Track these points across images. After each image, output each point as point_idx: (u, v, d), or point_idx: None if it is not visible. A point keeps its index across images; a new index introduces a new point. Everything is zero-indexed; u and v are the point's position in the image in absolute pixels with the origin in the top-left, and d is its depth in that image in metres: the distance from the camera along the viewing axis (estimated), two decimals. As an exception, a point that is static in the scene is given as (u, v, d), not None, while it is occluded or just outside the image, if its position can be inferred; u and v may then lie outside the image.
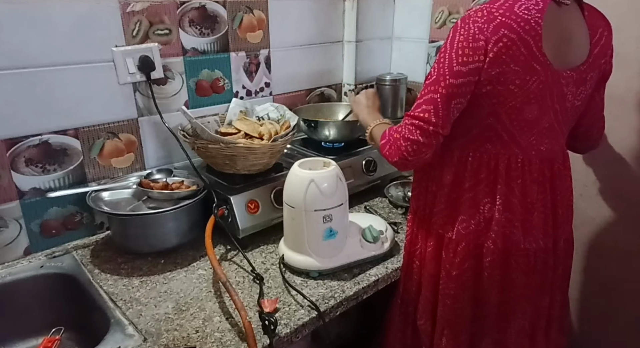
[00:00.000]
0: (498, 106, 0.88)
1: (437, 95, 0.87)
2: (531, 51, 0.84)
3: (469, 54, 0.84)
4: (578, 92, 0.93)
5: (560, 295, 1.07)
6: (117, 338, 0.87)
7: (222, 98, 1.40)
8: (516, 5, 0.84)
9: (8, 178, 1.08)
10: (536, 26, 0.83)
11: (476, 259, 0.97)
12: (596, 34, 0.92)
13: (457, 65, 0.85)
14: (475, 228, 0.96)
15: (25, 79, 1.05)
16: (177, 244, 1.15)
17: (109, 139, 1.21)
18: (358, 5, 1.60)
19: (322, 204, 1.00)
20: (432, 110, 0.87)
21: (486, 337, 1.02)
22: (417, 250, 1.07)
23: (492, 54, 0.83)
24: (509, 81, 0.85)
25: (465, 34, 0.84)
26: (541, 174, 0.95)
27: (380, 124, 1.07)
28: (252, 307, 0.96)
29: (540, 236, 0.96)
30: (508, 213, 0.94)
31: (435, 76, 0.87)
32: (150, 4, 1.19)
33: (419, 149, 0.89)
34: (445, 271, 1.00)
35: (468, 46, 0.84)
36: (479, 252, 0.96)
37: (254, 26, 1.42)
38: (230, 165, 1.19)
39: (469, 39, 0.84)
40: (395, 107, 1.65)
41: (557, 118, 0.92)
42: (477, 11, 0.85)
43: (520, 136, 0.91)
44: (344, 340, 1.45)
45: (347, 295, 1.00)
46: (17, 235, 1.12)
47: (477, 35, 0.83)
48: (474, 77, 0.85)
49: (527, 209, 0.95)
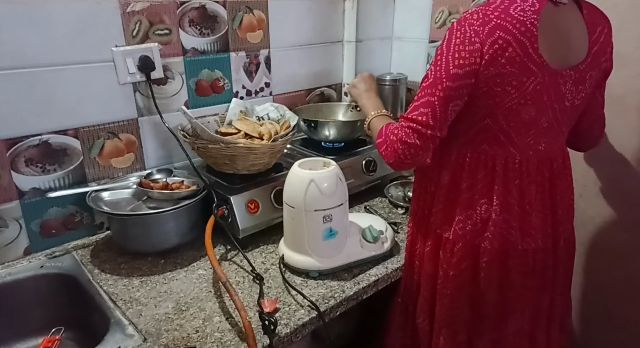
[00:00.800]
0: (495, 107, 0.89)
1: (435, 98, 0.87)
2: (527, 52, 0.84)
3: (466, 56, 0.84)
4: (578, 91, 0.93)
5: (561, 294, 1.07)
6: (117, 338, 0.87)
7: (222, 98, 1.40)
8: (511, 7, 0.84)
9: (8, 178, 1.08)
10: (532, 27, 0.83)
11: (473, 259, 0.97)
12: (595, 32, 0.92)
13: (454, 68, 0.85)
14: (472, 229, 0.96)
15: (25, 79, 1.05)
16: (177, 244, 1.15)
17: (109, 139, 1.21)
18: (358, 5, 1.60)
19: (322, 204, 1.00)
20: (429, 113, 0.87)
21: (484, 336, 1.02)
22: (417, 249, 1.07)
23: (487, 56, 0.83)
24: (506, 82, 0.85)
25: (462, 36, 0.85)
26: (539, 174, 0.95)
27: (379, 116, 1.08)
28: (252, 307, 0.96)
29: (539, 236, 0.96)
30: (505, 214, 0.94)
31: (432, 79, 0.88)
32: (150, 4, 1.19)
33: (415, 153, 0.90)
34: (443, 271, 1.00)
35: (464, 48, 0.84)
36: (475, 252, 0.96)
37: (254, 26, 1.42)
38: (230, 165, 1.19)
39: (465, 42, 0.84)
40: (395, 107, 1.65)
41: (556, 118, 0.92)
42: (473, 13, 0.86)
43: (517, 137, 0.92)
44: (344, 340, 1.45)
45: (347, 295, 1.00)
46: (17, 235, 1.12)
47: (473, 38, 0.84)
48: (471, 79, 0.86)
49: (525, 210, 0.95)
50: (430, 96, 0.87)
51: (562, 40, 0.88)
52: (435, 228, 1.01)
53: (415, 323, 1.10)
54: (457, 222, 0.97)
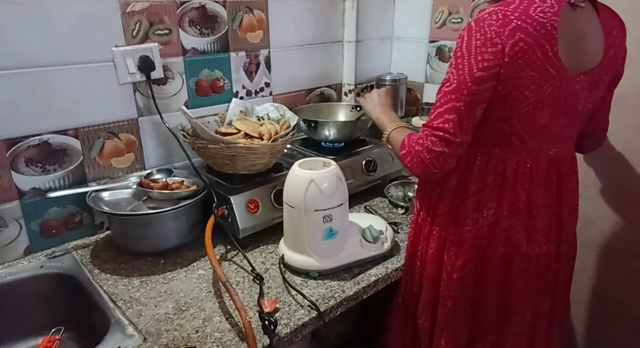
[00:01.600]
0: (511, 111, 0.86)
1: (460, 103, 0.83)
2: (547, 56, 0.81)
3: (489, 58, 0.81)
4: (591, 95, 0.91)
5: (561, 296, 1.07)
6: (117, 338, 0.87)
7: (222, 98, 1.40)
8: (531, 8, 0.81)
9: (8, 178, 1.08)
10: (552, 30, 0.80)
11: (477, 262, 0.96)
12: (611, 36, 0.90)
13: (479, 70, 0.81)
14: (478, 232, 0.95)
15: (25, 79, 1.05)
16: (177, 244, 1.15)
17: (109, 139, 1.21)
18: (358, 5, 1.60)
19: (322, 204, 1.00)
20: (455, 119, 0.84)
21: (484, 338, 1.01)
22: (419, 251, 1.07)
23: (508, 58, 0.80)
24: (524, 86, 0.83)
25: (482, 38, 0.81)
26: (548, 179, 0.93)
27: (398, 128, 1.04)
28: (252, 307, 0.96)
29: (544, 241, 0.95)
30: (512, 218, 0.93)
31: (455, 84, 0.84)
32: (150, 4, 1.19)
33: (444, 161, 0.87)
34: (447, 274, 1.00)
35: (487, 50, 0.81)
36: (480, 256, 0.96)
37: (254, 26, 1.42)
38: (230, 165, 1.19)
39: (487, 44, 0.81)
40: (395, 108, 1.64)
41: (568, 122, 0.91)
42: (491, 14, 0.82)
43: (530, 141, 0.89)
44: (344, 340, 1.45)
45: (347, 295, 1.00)
46: (17, 235, 1.12)
47: (495, 39, 0.80)
48: (494, 81, 0.83)
49: (532, 214, 0.93)
50: (455, 101, 0.84)
51: (579, 43, 0.86)
52: (440, 230, 1.00)
53: (416, 324, 1.09)
54: (462, 225, 0.96)
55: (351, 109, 1.53)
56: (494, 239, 0.94)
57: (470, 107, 0.84)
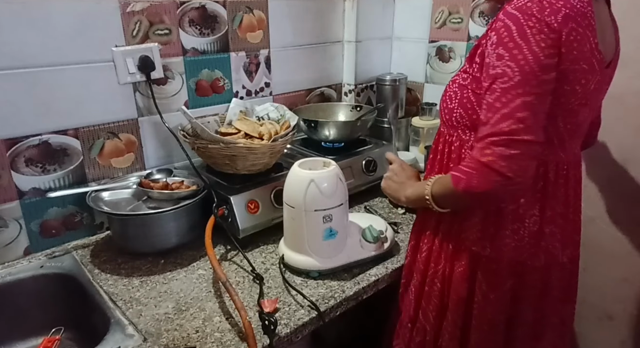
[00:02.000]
0: (557, 107, 0.77)
1: (532, 97, 0.72)
2: (591, 48, 0.75)
3: (551, 45, 0.71)
4: (603, 91, 0.88)
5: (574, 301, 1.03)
6: (117, 338, 0.87)
7: (222, 98, 1.40)
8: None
9: (8, 178, 1.08)
10: (591, 20, 0.74)
11: (518, 278, 0.88)
12: (617, 31, 0.88)
13: (545, 57, 0.71)
14: (518, 244, 0.86)
15: (25, 79, 1.05)
16: (177, 244, 1.15)
17: (109, 139, 1.21)
18: (358, 5, 1.61)
19: (322, 204, 1.00)
20: (530, 116, 0.72)
21: None
22: (440, 270, 0.95)
23: (564, 48, 0.72)
24: (576, 80, 0.75)
25: (537, 24, 0.71)
26: (574, 180, 0.88)
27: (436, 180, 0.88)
28: (252, 306, 0.95)
29: (574, 246, 0.91)
30: (553, 226, 0.85)
31: (520, 76, 0.72)
32: (150, 4, 1.19)
33: (527, 166, 0.74)
34: (482, 294, 0.89)
35: (547, 36, 0.71)
36: (520, 270, 0.87)
37: (254, 26, 1.42)
38: (230, 165, 1.19)
39: (544, 30, 0.71)
40: (395, 108, 1.66)
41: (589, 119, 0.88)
42: (535, 2, 0.73)
43: (568, 140, 0.83)
44: (344, 340, 1.45)
45: (347, 295, 1.00)
46: (17, 235, 1.12)
47: (553, 25, 0.71)
48: (555, 72, 0.74)
49: (566, 219, 0.87)
50: (524, 95, 0.72)
51: (604, 36, 0.81)
52: (470, 245, 0.89)
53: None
54: (500, 237, 0.86)
55: (351, 109, 1.53)
56: (536, 250, 0.85)
57: (543, 100, 0.73)
